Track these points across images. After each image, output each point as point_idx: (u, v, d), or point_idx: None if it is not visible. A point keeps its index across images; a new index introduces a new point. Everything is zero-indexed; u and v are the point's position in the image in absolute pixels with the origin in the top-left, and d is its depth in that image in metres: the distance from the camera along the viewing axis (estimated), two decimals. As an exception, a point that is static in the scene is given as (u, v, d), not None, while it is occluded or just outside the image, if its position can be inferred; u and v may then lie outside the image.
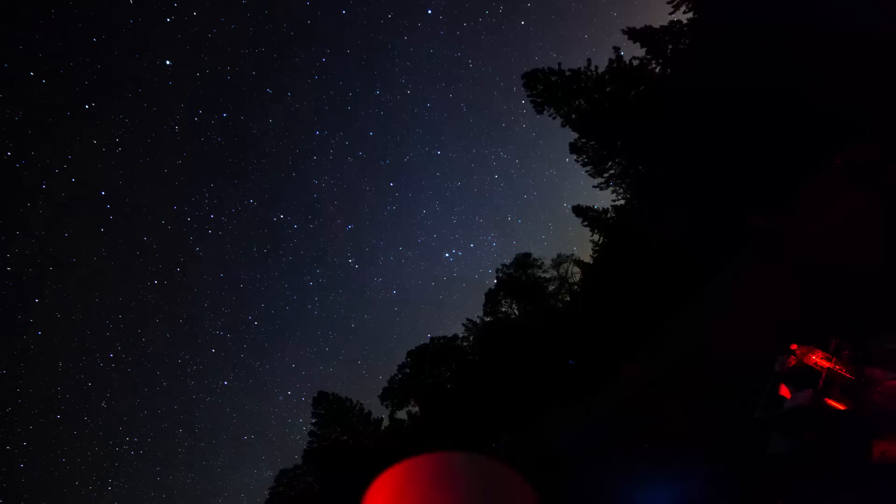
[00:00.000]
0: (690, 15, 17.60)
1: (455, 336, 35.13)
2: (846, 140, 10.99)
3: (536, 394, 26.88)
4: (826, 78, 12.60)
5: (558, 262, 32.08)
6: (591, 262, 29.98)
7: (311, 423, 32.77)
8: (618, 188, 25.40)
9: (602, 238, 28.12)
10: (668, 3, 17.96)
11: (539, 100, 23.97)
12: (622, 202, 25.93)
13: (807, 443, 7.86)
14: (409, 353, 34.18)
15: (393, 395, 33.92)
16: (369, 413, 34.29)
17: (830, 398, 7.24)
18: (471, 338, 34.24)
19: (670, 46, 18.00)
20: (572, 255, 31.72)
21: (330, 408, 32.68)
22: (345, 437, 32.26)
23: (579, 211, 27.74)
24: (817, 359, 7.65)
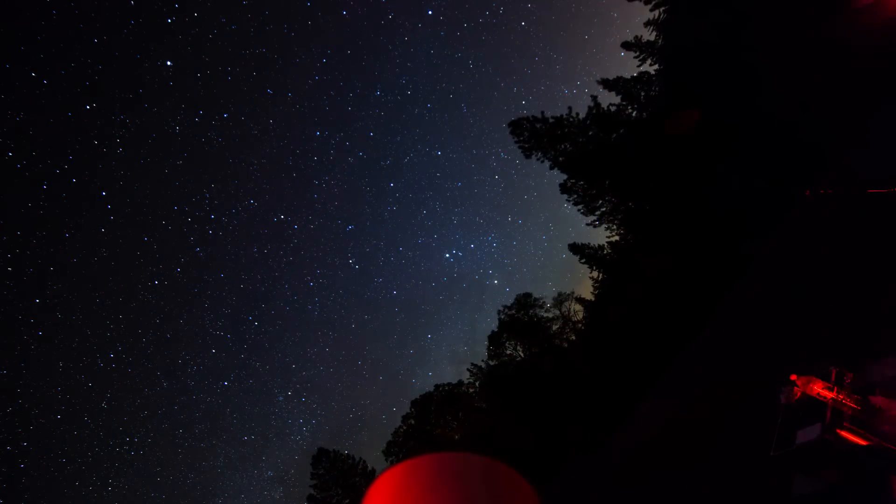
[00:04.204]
0: (657, 67, 19.38)
1: (460, 382, 34.02)
2: (814, 171, 11.58)
3: (548, 442, 25.42)
4: (789, 113, 13.56)
5: (559, 300, 31.96)
6: (593, 298, 29.83)
7: (310, 486, 30.70)
8: (610, 225, 26.02)
9: (601, 274, 28.22)
10: (635, 57, 19.83)
11: (526, 145, 25.33)
12: (616, 238, 26.42)
13: (830, 482, 7.44)
14: (413, 403, 32.90)
15: (398, 448, 32.11)
16: (373, 471, 32.23)
17: (842, 431, 6.95)
18: (476, 383, 33.11)
19: (643, 93, 19.51)
20: (572, 293, 31.71)
21: (331, 467, 30.76)
22: (347, 501, 30.03)
23: (576, 249, 28.10)
24: (819, 389, 7.43)
